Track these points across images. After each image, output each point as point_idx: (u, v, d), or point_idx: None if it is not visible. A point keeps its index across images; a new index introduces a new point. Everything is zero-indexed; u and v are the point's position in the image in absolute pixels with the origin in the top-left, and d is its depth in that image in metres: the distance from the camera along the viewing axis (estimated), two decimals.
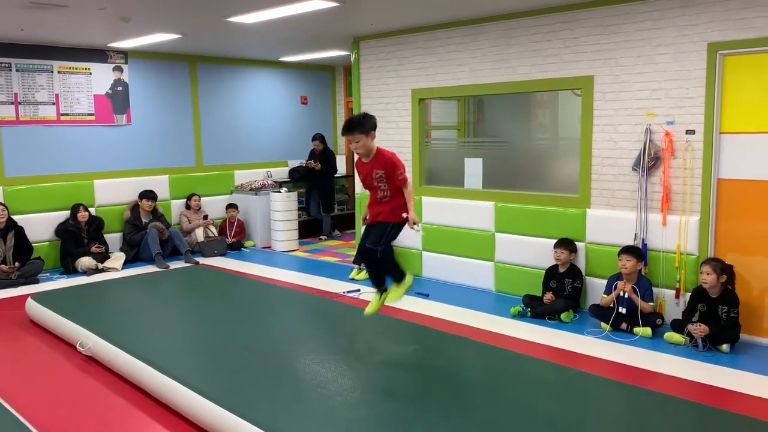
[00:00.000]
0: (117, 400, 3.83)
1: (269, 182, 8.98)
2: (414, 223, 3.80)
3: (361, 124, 3.70)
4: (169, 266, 7.33)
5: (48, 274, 7.10)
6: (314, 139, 9.09)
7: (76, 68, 7.65)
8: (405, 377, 3.76)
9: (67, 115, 7.60)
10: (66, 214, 7.39)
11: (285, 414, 3.25)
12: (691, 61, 4.80)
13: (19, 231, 6.87)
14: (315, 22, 6.08)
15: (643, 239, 5.12)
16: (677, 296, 4.96)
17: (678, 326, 4.67)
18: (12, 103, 7.18)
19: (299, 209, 8.93)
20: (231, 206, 8.69)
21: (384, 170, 3.77)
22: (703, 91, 4.75)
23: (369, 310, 4.08)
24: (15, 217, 6.91)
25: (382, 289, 4.10)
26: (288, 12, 5.54)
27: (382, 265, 3.99)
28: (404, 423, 3.14)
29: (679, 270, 4.95)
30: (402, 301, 5.80)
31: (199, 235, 8.26)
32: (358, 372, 3.81)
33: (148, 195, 7.82)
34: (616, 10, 5.15)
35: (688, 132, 4.86)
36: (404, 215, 3.82)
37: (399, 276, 4.04)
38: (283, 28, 6.40)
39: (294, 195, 8.63)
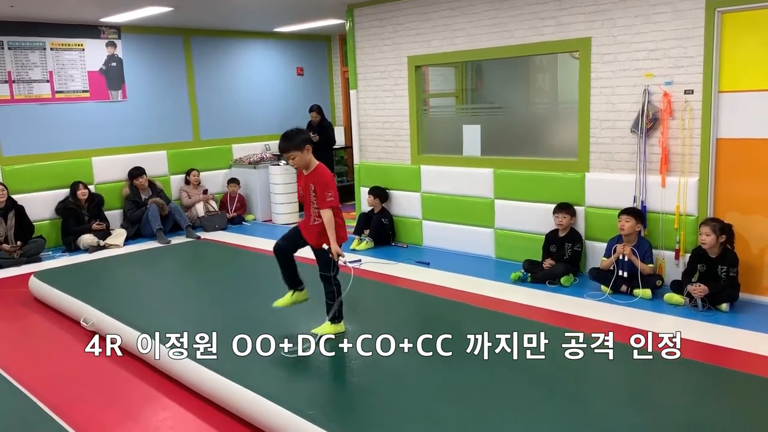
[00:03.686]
0: (121, 373, 3.87)
1: (268, 155, 8.95)
2: (338, 255, 3.67)
3: (291, 142, 3.70)
4: (170, 241, 7.35)
5: (50, 252, 7.12)
6: (311, 110, 9.03)
7: (69, 45, 7.57)
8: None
9: (61, 92, 7.56)
10: (66, 192, 7.39)
11: (285, 382, 3.29)
12: (689, 19, 4.73)
13: (20, 210, 6.88)
14: None
15: (642, 201, 5.11)
16: (677, 257, 4.97)
17: (678, 287, 4.69)
18: (6, 82, 7.13)
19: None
20: (232, 181, 8.68)
21: (314, 185, 3.73)
22: (702, 49, 4.69)
23: (278, 303, 4.02)
24: (15, 197, 6.91)
25: (297, 288, 4.03)
26: None
27: (326, 292, 3.88)
28: (403, 388, 3.17)
29: (679, 231, 4.95)
30: (403, 269, 5.89)
31: (200, 209, 8.26)
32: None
33: (138, 172, 7.79)
34: None
35: (686, 92, 4.81)
36: (325, 246, 3.70)
37: (336, 316, 3.90)
38: None
39: (293, 168, 8.58)
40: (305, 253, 4.01)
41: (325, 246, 3.74)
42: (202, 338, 3.85)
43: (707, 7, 4.62)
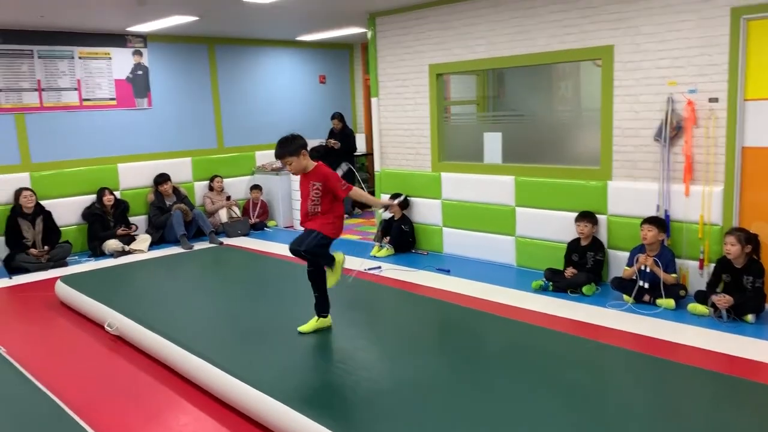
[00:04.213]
0: (144, 378, 3.92)
1: None
2: (389, 206, 3.83)
3: (287, 148, 3.81)
4: (193, 247, 7.44)
5: (76, 257, 7.25)
6: (333, 117, 9.09)
7: (97, 53, 7.72)
8: (426, 352, 3.78)
9: (89, 100, 7.70)
10: (92, 198, 7.52)
11: (308, 389, 3.31)
12: (714, 27, 4.68)
13: (48, 215, 7.02)
14: None
15: (665, 210, 5.05)
16: (701, 267, 4.90)
17: (702, 297, 4.62)
18: (35, 90, 7.29)
19: None
20: (255, 187, 8.76)
21: (321, 182, 3.82)
22: (727, 57, 4.64)
23: (302, 328, 4.09)
24: (43, 202, 7.05)
25: (322, 315, 4.12)
26: None
27: (311, 257, 3.94)
28: (425, 396, 3.17)
29: (703, 241, 4.88)
30: (423, 277, 5.88)
31: (223, 215, 8.35)
32: (379, 347, 3.85)
33: (162, 179, 7.91)
34: None
35: (711, 100, 4.76)
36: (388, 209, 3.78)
37: (329, 260, 4.00)
38: (299, 5, 6.37)
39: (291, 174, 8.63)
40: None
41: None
42: (223, 343, 3.91)
43: (732, 15, 4.57)
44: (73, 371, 4.07)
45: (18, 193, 6.87)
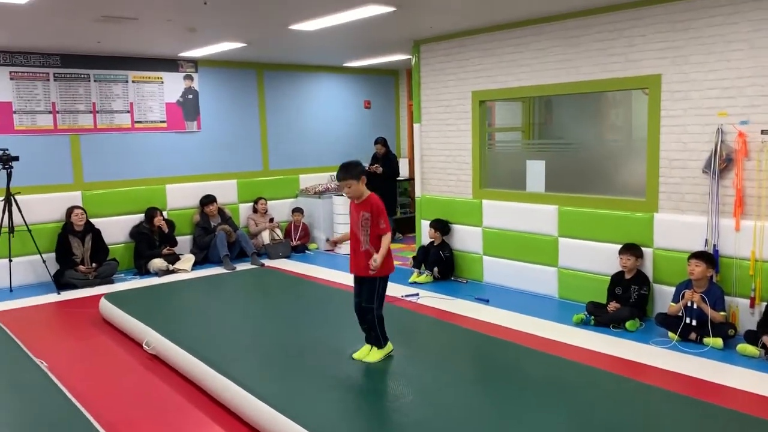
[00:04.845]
0: (177, 399, 3.96)
1: (332, 186, 9.09)
2: (373, 261, 3.82)
3: (350, 172, 3.92)
4: (235, 268, 7.54)
5: (122, 274, 7.44)
6: (376, 142, 9.12)
7: (149, 77, 7.98)
8: (462, 385, 3.71)
9: (140, 122, 7.95)
10: (140, 217, 7.72)
11: (338, 418, 3.27)
12: (766, 56, 4.52)
13: (97, 233, 7.23)
14: (374, 27, 6.11)
15: (714, 245, 4.86)
16: (752, 306, 4.69)
17: (752, 337, 4.42)
18: (90, 112, 7.57)
19: None
20: (296, 210, 8.86)
21: (370, 213, 3.92)
22: None
23: (356, 355, 4.10)
24: (92, 220, 7.28)
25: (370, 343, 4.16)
26: (345, 18, 5.60)
27: (369, 326, 4.05)
28: (457, 429, 3.10)
29: (754, 278, 4.67)
30: (461, 306, 5.80)
31: (265, 237, 8.45)
32: (412, 378, 3.79)
33: (208, 200, 8.06)
34: (686, 5, 4.91)
35: (763, 132, 4.58)
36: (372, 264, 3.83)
37: (381, 342, 4.07)
38: (344, 34, 6.46)
39: (347, 197, 8.68)
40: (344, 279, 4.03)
41: (373, 265, 3.81)
42: (258, 367, 3.92)
43: None
44: (108, 389, 4.14)
45: (69, 211, 7.11)
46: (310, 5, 5.18)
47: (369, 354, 4.05)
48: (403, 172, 9.84)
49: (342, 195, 8.58)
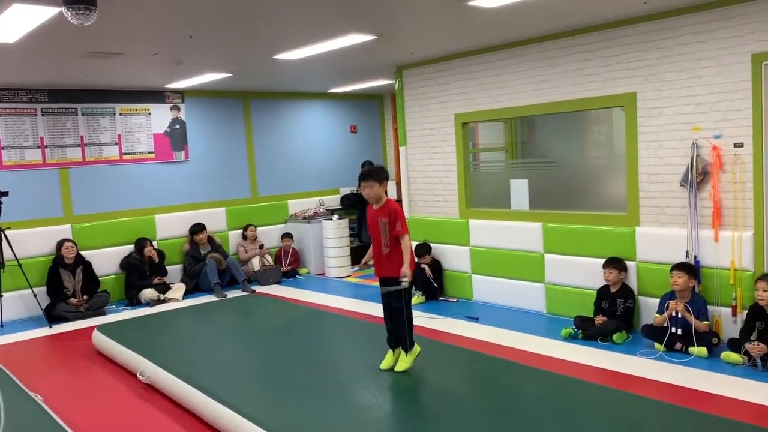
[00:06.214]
0: (173, 427, 3.98)
1: (321, 210, 9.18)
2: (403, 276, 4.01)
3: (376, 174, 4.13)
4: (226, 295, 7.57)
5: (114, 306, 7.45)
6: (363, 166, 9.23)
7: (137, 109, 8.08)
8: (453, 403, 3.77)
9: (128, 154, 8.03)
10: (130, 248, 7.76)
11: None
12: (735, 72, 4.70)
13: (87, 266, 7.26)
14: (357, 54, 6.26)
15: (695, 256, 4.99)
16: (734, 314, 4.80)
17: (735, 345, 4.52)
18: (79, 146, 7.65)
19: (351, 235, 9.08)
20: (286, 236, 8.92)
21: (387, 218, 4.08)
22: (750, 102, 4.64)
23: (383, 365, 4.25)
24: (83, 253, 7.31)
25: (397, 349, 4.30)
26: (328, 47, 5.74)
27: (399, 327, 4.19)
28: None
29: (735, 287, 4.80)
30: (452, 324, 5.88)
31: (256, 264, 8.50)
32: (403, 397, 3.85)
33: (198, 229, 8.12)
34: (654, 25, 5.10)
35: (736, 145, 4.74)
36: (403, 279, 4.01)
37: (408, 344, 4.21)
38: (327, 61, 6.60)
39: (345, 222, 8.79)
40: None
41: (404, 280, 3.99)
42: (252, 393, 3.96)
43: (753, 61, 4.59)
44: (104, 420, 4.16)
45: (60, 244, 7.14)
46: (293, 36, 5.32)
47: (399, 363, 4.18)
48: (392, 193, 9.95)
49: (331, 219, 8.68)
